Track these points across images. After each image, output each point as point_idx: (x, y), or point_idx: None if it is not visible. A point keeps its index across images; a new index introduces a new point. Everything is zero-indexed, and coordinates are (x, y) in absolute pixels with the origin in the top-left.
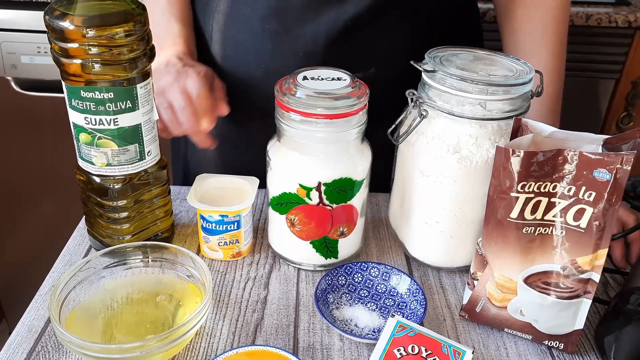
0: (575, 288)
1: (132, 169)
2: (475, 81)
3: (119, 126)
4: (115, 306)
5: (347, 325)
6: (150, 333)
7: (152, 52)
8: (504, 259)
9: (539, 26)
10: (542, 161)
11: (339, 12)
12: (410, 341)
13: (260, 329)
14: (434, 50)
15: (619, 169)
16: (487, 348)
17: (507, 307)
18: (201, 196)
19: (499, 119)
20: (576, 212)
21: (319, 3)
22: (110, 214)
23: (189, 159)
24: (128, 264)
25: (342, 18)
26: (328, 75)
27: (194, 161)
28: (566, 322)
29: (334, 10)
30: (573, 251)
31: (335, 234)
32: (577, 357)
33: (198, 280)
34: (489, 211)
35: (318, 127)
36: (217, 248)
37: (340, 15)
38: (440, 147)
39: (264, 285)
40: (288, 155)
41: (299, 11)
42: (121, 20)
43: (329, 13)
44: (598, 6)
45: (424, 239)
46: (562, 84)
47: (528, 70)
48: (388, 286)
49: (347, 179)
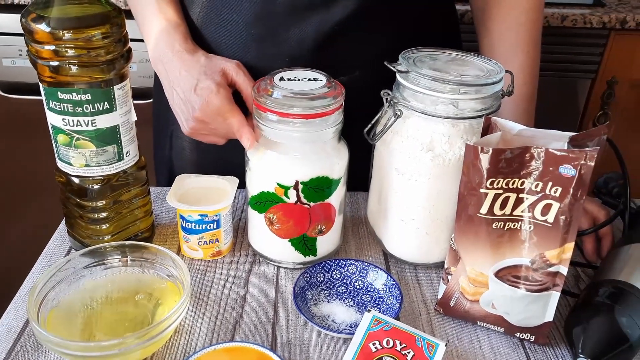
0: (544, 281)
1: (111, 170)
2: (447, 81)
3: (97, 127)
4: (94, 305)
5: (324, 321)
6: (129, 331)
7: (129, 53)
8: (475, 253)
9: (514, 27)
10: (510, 158)
11: (323, 17)
12: (386, 335)
13: (239, 326)
14: (408, 51)
15: (583, 164)
16: (461, 341)
17: (479, 301)
18: (181, 196)
19: (470, 117)
20: (543, 207)
21: (303, 8)
22: (89, 214)
23: (173, 161)
24: (107, 263)
25: (327, 23)
26: (304, 76)
27: (178, 164)
28: (536, 314)
29: (318, 15)
30: (541, 245)
31: (314, 231)
32: (548, 348)
33: (177, 279)
34: (460, 207)
35: (295, 126)
36: (197, 247)
37: (325, 19)
38: (415, 146)
39: (244, 283)
40: (266, 154)
41: (283, 16)
42: (98, 22)
43: (313, 18)
44: (573, 7)
45: (400, 235)
46: (536, 84)
47: (498, 70)
48: (365, 282)
49: (324, 178)
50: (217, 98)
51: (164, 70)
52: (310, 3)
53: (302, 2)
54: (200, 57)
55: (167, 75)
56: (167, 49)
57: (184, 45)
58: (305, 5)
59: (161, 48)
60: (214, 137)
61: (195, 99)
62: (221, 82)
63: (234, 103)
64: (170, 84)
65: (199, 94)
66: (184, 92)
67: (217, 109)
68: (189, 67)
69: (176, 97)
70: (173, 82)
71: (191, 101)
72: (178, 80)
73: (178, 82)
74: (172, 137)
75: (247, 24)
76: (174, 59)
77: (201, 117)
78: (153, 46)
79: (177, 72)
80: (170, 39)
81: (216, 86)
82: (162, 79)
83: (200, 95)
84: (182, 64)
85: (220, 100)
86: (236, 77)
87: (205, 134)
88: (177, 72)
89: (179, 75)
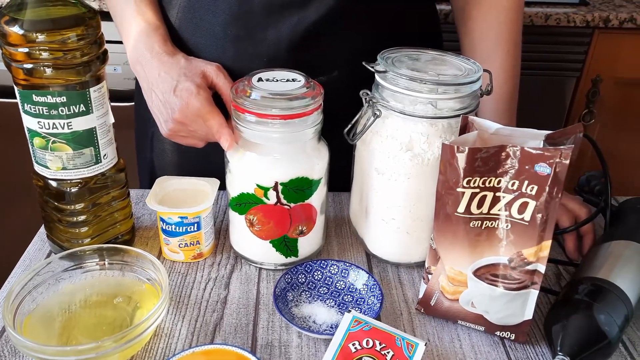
0: (522, 279)
1: (88, 172)
2: (425, 81)
3: (73, 130)
4: (73, 309)
5: (305, 322)
6: (107, 335)
7: (105, 55)
8: (454, 252)
9: (494, 26)
10: (486, 157)
11: (300, 16)
12: (365, 335)
13: (219, 328)
14: (386, 51)
15: (558, 162)
16: (442, 340)
17: (459, 300)
18: (161, 198)
19: (449, 117)
20: (520, 206)
21: (280, 8)
22: (68, 218)
23: (155, 163)
24: (86, 267)
25: (304, 22)
26: (283, 76)
27: (160, 166)
28: (516, 312)
29: (295, 15)
30: (518, 243)
31: (295, 232)
32: (529, 346)
33: (156, 281)
34: (438, 206)
35: (274, 127)
36: (178, 250)
37: (302, 19)
38: (394, 146)
39: (225, 286)
40: (245, 156)
41: (260, 16)
42: (72, 24)
43: (290, 18)
44: (557, 6)
45: (382, 235)
46: (517, 83)
47: (476, 69)
48: (347, 282)
49: (304, 179)
50: (196, 99)
51: (143, 71)
52: (286, 3)
53: (279, 2)
54: (180, 59)
55: (146, 76)
56: (146, 50)
57: (163, 47)
58: (281, 5)
59: (140, 50)
60: (192, 140)
61: (174, 101)
62: (201, 84)
63: (214, 105)
64: (149, 85)
65: (178, 95)
66: (163, 94)
67: (196, 110)
68: (169, 68)
69: (155, 98)
70: (152, 83)
71: (170, 103)
72: (157, 82)
73: (157, 84)
74: (152, 139)
75: (224, 25)
76: (153, 60)
77: (180, 118)
78: (132, 48)
79: (157, 74)
80: (149, 41)
81: (196, 88)
82: (140, 80)
83: (179, 97)
84: (162, 65)
85: (200, 101)
86: (216, 80)
87: (184, 136)
88: (156, 73)
89: (158, 77)
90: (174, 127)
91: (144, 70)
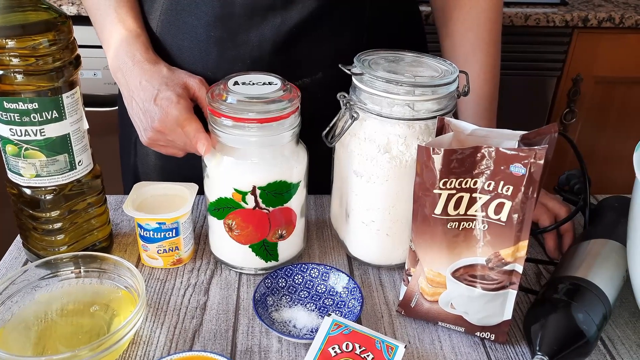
0: (500, 280)
1: (63, 179)
2: (401, 83)
3: (46, 137)
4: (49, 318)
5: (285, 327)
6: (83, 344)
7: (78, 60)
8: (432, 254)
9: (474, 27)
10: (462, 158)
11: (283, 18)
12: (345, 339)
13: (198, 334)
14: (363, 53)
15: (533, 163)
16: (422, 342)
17: (438, 301)
18: (139, 204)
19: (426, 118)
20: (496, 206)
21: (263, 10)
22: (43, 225)
23: (138, 168)
24: (61, 275)
25: (286, 24)
26: (259, 80)
27: (144, 170)
28: (495, 313)
29: (278, 16)
30: (496, 244)
31: (274, 236)
32: (509, 346)
33: (133, 288)
34: (416, 208)
35: (251, 131)
36: (157, 256)
37: (284, 21)
38: (372, 148)
39: (204, 291)
40: (223, 160)
41: (243, 18)
42: (43, 29)
43: (273, 20)
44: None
45: (362, 238)
46: (497, 83)
47: (453, 70)
48: (327, 286)
49: (283, 182)
50: (176, 108)
51: (124, 79)
52: (268, 5)
53: (261, 4)
54: (163, 68)
55: (127, 84)
56: (128, 58)
57: (144, 55)
58: (264, 7)
59: (121, 57)
60: (172, 149)
61: (154, 110)
62: (182, 94)
63: (192, 113)
64: (130, 93)
65: (158, 104)
66: (144, 102)
67: (175, 119)
68: (150, 77)
69: (135, 106)
70: (133, 91)
71: (150, 111)
72: (138, 90)
73: (138, 92)
74: (136, 143)
75: (207, 27)
76: (135, 68)
77: (159, 127)
78: (113, 55)
79: (138, 82)
80: (131, 49)
81: (176, 97)
82: (121, 88)
83: (159, 106)
84: (143, 73)
85: (179, 110)
86: (199, 93)
87: (163, 145)
88: (137, 81)
89: (139, 85)
90: (153, 135)
91: (124, 78)
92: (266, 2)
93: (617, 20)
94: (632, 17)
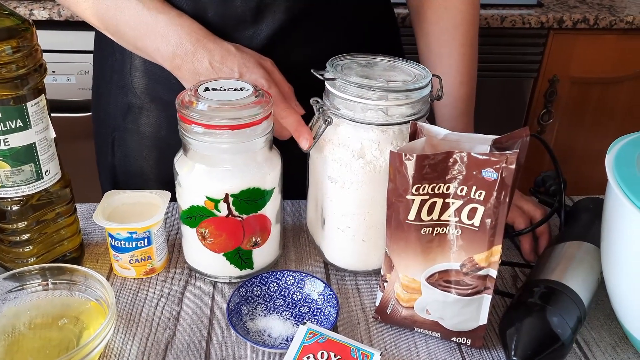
0: (474, 285)
1: (29, 190)
2: (374, 88)
3: (10, 146)
4: (16, 332)
5: (260, 337)
6: (52, 358)
7: (42, 67)
8: (407, 259)
9: (450, 28)
10: (434, 164)
11: (254, 31)
12: (320, 347)
13: (171, 346)
14: (335, 58)
15: (504, 167)
16: (399, 348)
17: (414, 307)
18: (110, 213)
19: (400, 123)
20: (469, 211)
21: (234, 22)
22: (10, 237)
23: (117, 168)
24: (29, 288)
25: (258, 36)
26: (230, 85)
27: (123, 171)
28: (470, 317)
29: (249, 29)
30: (469, 249)
31: (248, 244)
32: (485, 351)
33: (103, 300)
34: (390, 214)
35: (222, 138)
36: (129, 266)
37: (255, 34)
38: (346, 153)
39: (178, 301)
40: (195, 168)
41: (214, 30)
42: (5, 36)
43: (245, 32)
44: (512, 8)
45: (338, 244)
46: (474, 85)
47: (426, 74)
48: (303, 293)
49: (256, 189)
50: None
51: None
52: (239, 18)
53: (232, 17)
54: (230, 47)
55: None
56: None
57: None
58: (235, 20)
59: (174, 40)
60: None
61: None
62: (268, 78)
63: (286, 102)
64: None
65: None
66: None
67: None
68: (221, 57)
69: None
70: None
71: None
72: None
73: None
74: (114, 143)
75: None
76: (198, 50)
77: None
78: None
79: (207, 64)
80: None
81: (267, 83)
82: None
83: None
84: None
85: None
86: (273, 75)
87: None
88: (206, 63)
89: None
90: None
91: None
92: (236, 16)
93: (592, 21)
94: (606, 18)
